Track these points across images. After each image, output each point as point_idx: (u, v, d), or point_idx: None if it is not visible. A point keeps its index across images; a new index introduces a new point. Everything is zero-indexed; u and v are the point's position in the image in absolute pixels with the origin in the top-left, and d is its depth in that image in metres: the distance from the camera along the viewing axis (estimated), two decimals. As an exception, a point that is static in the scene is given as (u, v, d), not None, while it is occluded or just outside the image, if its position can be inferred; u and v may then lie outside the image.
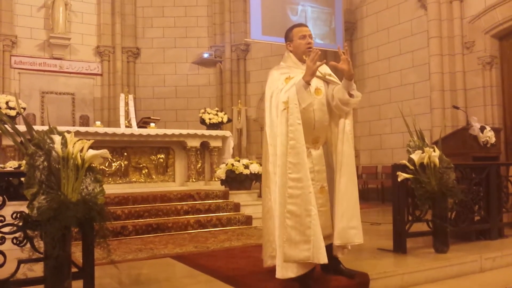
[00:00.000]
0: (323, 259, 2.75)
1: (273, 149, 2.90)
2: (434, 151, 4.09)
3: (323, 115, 3.06)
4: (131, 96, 8.55)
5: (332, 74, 3.17)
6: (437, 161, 4.04)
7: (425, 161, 4.02)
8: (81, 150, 2.59)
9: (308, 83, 2.92)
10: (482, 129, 4.97)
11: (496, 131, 5.23)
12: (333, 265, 3.11)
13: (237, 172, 6.77)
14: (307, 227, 2.74)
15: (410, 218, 4.16)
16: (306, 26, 3.21)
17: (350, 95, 3.03)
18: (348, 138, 3.07)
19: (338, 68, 2.98)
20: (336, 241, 3.00)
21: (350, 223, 3.00)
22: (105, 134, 6.88)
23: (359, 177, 9.70)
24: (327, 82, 3.13)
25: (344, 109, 3.07)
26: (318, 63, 2.90)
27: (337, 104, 3.05)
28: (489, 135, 4.97)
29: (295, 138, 2.83)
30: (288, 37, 3.16)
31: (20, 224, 2.50)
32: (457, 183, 4.22)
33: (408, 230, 4.10)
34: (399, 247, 4.00)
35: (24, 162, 2.53)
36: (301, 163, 2.80)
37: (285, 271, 2.77)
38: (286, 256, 2.75)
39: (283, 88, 2.96)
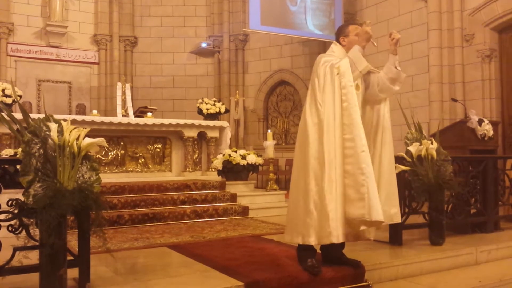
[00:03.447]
0: (379, 216, 2.86)
1: (317, 128, 2.98)
2: (432, 143, 4.09)
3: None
4: (128, 85, 8.48)
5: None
6: (434, 153, 4.04)
7: (423, 153, 4.03)
8: (78, 138, 2.57)
9: (363, 48, 3.07)
10: (480, 122, 4.97)
11: (494, 124, 5.23)
12: (337, 256, 3.17)
13: (234, 162, 6.76)
14: (361, 185, 2.89)
15: (406, 210, 4.17)
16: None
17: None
18: (386, 123, 3.31)
19: (392, 35, 3.28)
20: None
21: (393, 203, 3.20)
22: (102, 123, 6.85)
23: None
24: (368, 72, 3.25)
25: (391, 89, 3.25)
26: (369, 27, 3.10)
27: (384, 86, 3.23)
28: (487, 128, 4.97)
29: (347, 100, 2.98)
30: (343, 32, 3.30)
31: (16, 211, 2.50)
32: (454, 176, 4.22)
33: (404, 222, 4.09)
34: (395, 239, 4.02)
35: (20, 149, 2.52)
36: (353, 123, 2.95)
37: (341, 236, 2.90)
38: (346, 213, 2.91)
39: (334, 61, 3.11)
